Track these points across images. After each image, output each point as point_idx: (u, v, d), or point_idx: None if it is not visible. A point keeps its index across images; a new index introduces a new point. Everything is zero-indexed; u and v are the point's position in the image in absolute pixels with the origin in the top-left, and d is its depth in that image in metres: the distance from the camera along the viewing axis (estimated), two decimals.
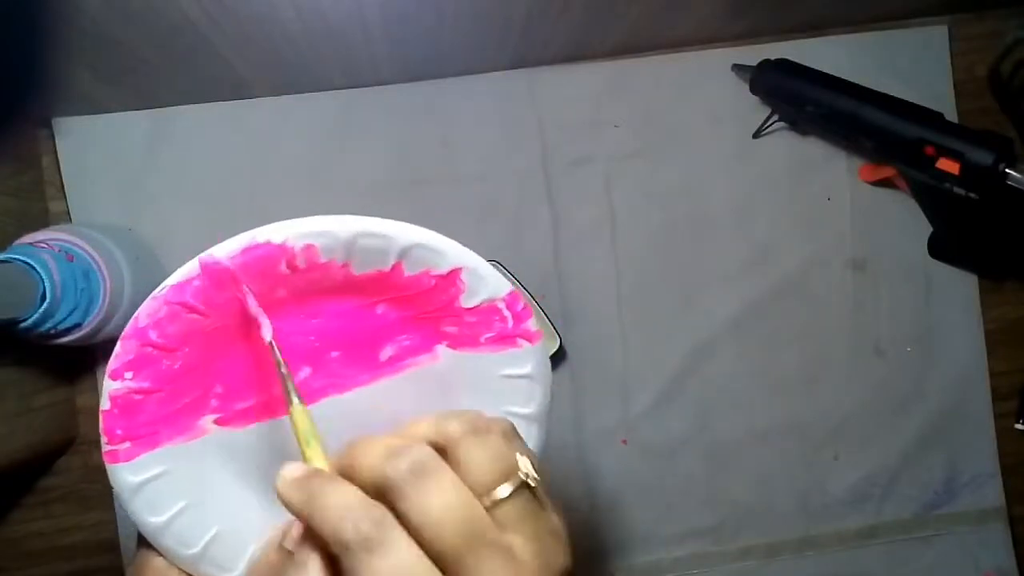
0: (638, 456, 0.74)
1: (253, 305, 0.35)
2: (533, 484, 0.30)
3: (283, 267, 0.36)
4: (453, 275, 0.38)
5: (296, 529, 0.32)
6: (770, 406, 0.75)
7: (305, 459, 0.33)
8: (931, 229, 0.73)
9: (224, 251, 0.35)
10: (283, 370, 0.35)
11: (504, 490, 0.30)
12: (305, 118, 0.71)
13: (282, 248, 0.35)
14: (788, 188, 0.75)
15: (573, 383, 0.73)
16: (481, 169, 0.73)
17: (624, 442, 0.74)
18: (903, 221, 0.75)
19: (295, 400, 0.34)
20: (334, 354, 0.39)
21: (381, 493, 0.29)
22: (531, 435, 0.41)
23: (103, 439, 0.36)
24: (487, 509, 0.29)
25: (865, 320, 0.75)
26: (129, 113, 0.69)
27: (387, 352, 0.40)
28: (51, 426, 0.66)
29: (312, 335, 0.39)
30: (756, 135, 0.74)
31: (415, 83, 0.72)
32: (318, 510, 0.29)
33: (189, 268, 0.35)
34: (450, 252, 0.37)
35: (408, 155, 0.72)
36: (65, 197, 0.69)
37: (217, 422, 0.38)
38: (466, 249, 0.38)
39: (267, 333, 0.35)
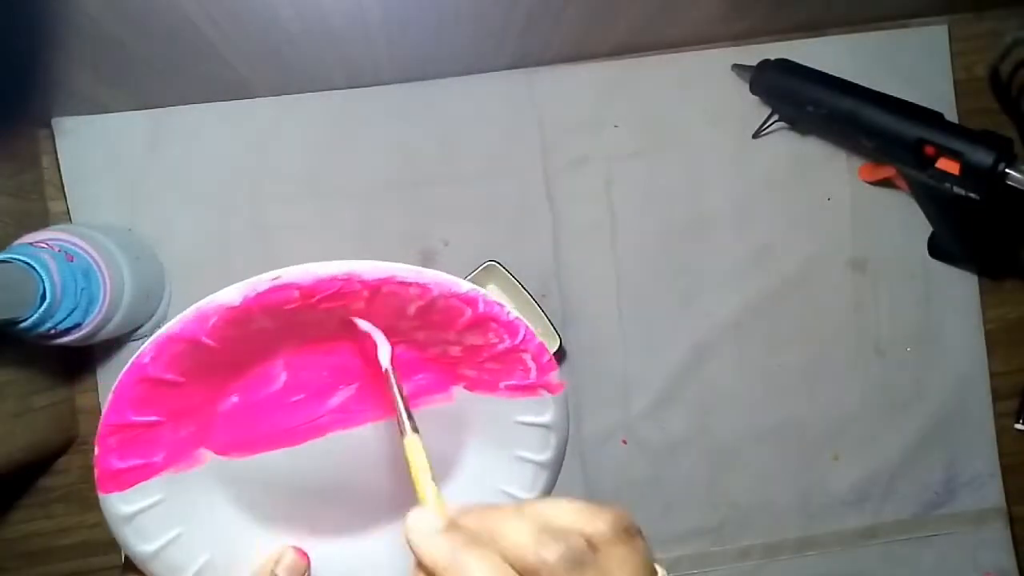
0: (638, 456, 0.74)
1: (376, 334, 0.35)
2: None
3: (304, 308, 0.34)
4: (481, 326, 0.37)
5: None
6: (770, 406, 0.75)
7: (419, 494, 0.31)
8: (931, 229, 0.73)
9: (243, 291, 0.33)
10: (400, 400, 0.34)
11: None
12: (305, 118, 0.71)
13: (304, 290, 0.34)
14: (788, 188, 0.75)
15: (573, 383, 0.73)
16: (481, 169, 0.73)
17: (624, 442, 0.74)
18: (903, 221, 0.75)
19: (409, 431, 0.33)
20: (345, 390, 0.38)
21: (524, 573, 0.28)
22: (541, 481, 0.40)
23: (96, 470, 0.35)
24: None
25: (865, 320, 0.75)
26: (129, 113, 0.69)
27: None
28: (51, 426, 0.66)
29: (325, 371, 0.38)
30: (756, 135, 0.74)
31: (415, 83, 0.72)
32: (462, 574, 0.28)
33: (204, 306, 0.33)
34: (479, 302, 0.36)
35: (408, 155, 0.72)
36: (65, 197, 0.69)
37: (218, 452, 0.37)
38: (495, 299, 0.36)
39: (384, 358, 0.34)
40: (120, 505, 0.35)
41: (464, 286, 0.35)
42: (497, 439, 0.40)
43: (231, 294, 0.33)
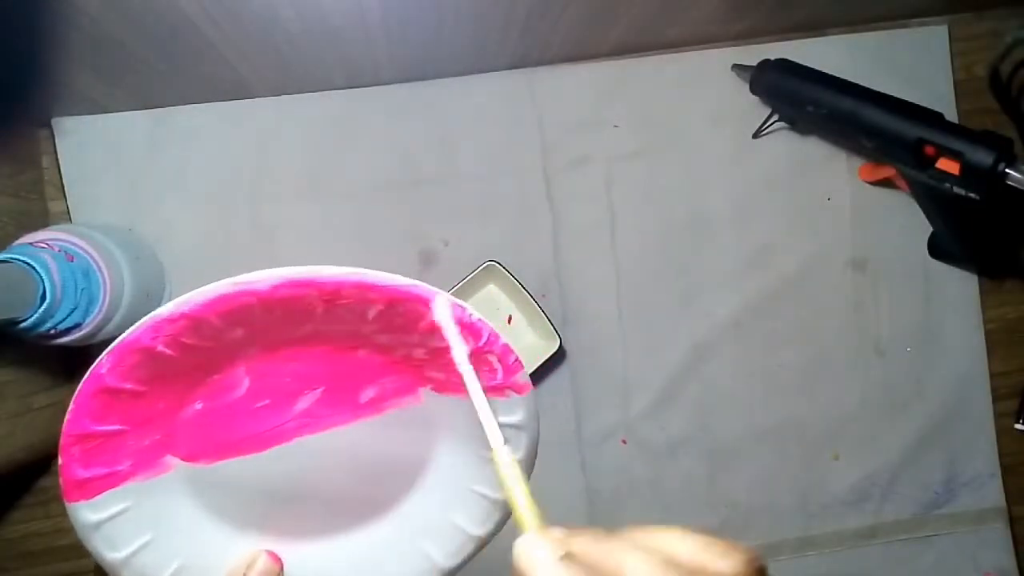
0: (638, 456, 0.74)
1: (455, 339, 0.34)
2: None
3: (262, 313, 0.34)
4: (439, 327, 0.36)
5: None
6: (770, 406, 0.75)
7: (516, 516, 0.30)
8: (931, 229, 0.73)
9: (203, 296, 0.33)
10: (484, 414, 0.32)
11: None
12: (305, 118, 0.71)
13: (261, 295, 0.33)
14: (788, 188, 0.75)
15: (573, 383, 0.73)
16: (481, 169, 0.73)
17: (624, 442, 0.74)
18: (903, 221, 0.75)
19: (501, 450, 0.31)
20: (310, 395, 0.38)
21: None
22: None
23: (61, 479, 0.34)
24: None
25: (865, 320, 0.75)
26: (129, 113, 0.69)
27: (368, 394, 0.39)
28: (51, 426, 0.66)
29: (288, 376, 0.37)
30: (756, 135, 0.74)
31: (415, 83, 0.72)
32: None
33: (158, 314, 0.33)
34: (437, 304, 0.35)
35: (408, 155, 0.72)
36: (65, 197, 0.69)
37: (184, 458, 0.37)
38: (453, 298, 0.36)
39: (461, 358, 0.34)
40: (87, 513, 0.35)
41: (423, 289, 0.35)
42: (467, 440, 0.39)
43: (184, 301, 0.33)
